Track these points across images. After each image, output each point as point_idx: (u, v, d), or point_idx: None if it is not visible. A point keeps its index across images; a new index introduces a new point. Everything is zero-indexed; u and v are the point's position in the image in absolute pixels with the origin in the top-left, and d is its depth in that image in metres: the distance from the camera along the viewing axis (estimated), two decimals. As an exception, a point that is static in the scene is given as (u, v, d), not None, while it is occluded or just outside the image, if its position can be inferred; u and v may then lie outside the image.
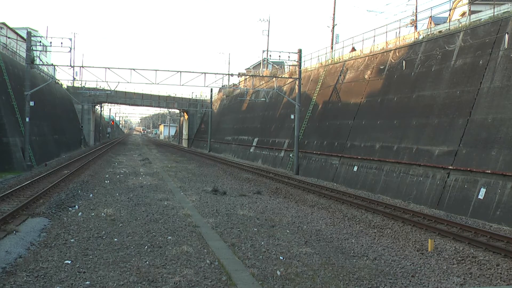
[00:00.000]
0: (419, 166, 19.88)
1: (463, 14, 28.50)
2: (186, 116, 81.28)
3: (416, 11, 33.12)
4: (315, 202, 19.11)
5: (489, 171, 16.03)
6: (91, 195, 18.47)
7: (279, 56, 32.33)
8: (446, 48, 21.20)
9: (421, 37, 25.34)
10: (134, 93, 68.58)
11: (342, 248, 11.55)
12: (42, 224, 12.78)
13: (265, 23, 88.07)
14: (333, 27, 43.10)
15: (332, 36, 42.99)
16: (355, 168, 24.86)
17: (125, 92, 67.24)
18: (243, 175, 29.38)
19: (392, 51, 26.01)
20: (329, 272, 9.41)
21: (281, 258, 10.30)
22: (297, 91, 32.55)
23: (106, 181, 23.10)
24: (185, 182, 24.22)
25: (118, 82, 39.38)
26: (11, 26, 48.94)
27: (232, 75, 49.67)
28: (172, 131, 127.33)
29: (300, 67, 33.01)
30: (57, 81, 51.13)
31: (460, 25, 22.09)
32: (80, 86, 52.88)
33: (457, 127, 18.70)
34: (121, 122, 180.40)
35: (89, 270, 8.97)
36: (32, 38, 31.30)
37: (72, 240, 11.16)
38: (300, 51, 32.44)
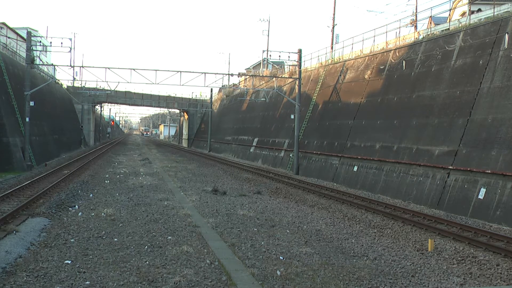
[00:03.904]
0: (419, 166, 19.88)
1: (463, 14, 28.50)
2: (186, 116, 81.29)
3: (416, 11, 33.13)
4: (315, 202, 19.11)
5: (489, 171, 16.03)
6: (91, 195, 18.47)
7: (279, 56, 32.36)
8: (446, 48, 21.20)
9: (421, 37, 25.35)
10: (134, 93, 68.58)
11: (342, 248, 11.55)
12: (42, 224, 12.77)
13: (265, 23, 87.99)
14: (333, 27, 43.12)
15: (332, 36, 43.01)
16: (355, 168, 24.86)
17: (125, 92, 67.24)
18: (243, 175, 29.38)
19: (392, 51, 26.01)
20: (329, 272, 9.41)
21: (281, 258, 10.31)
22: (297, 91, 32.55)
23: (106, 181, 23.10)
24: (185, 182, 24.22)
25: (118, 82, 39.49)
26: (11, 26, 48.96)
27: (232, 75, 49.74)
28: (172, 131, 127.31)
29: (300, 67, 33.02)
30: (57, 81, 51.12)
31: (460, 25, 22.11)
32: (80, 86, 52.89)
33: (457, 127, 18.70)
34: (121, 122, 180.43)
35: (89, 270, 8.97)
36: (32, 38, 31.31)
37: (72, 240, 11.17)
38: (300, 51, 32.45)
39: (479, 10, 25.07)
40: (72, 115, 56.08)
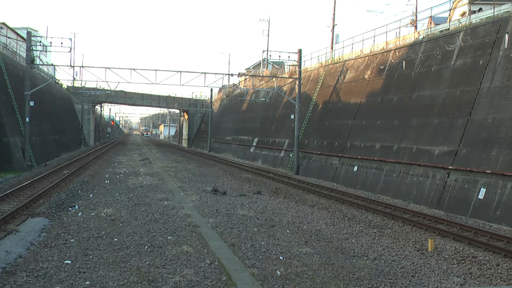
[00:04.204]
0: (419, 166, 19.88)
1: (463, 14, 28.51)
2: (186, 116, 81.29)
3: (416, 11, 33.12)
4: (315, 202, 19.11)
5: (489, 171, 16.03)
6: (91, 195, 18.47)
7: (279, 56, 32.39)
8: (446, 48, 21.21)
9: (421, 37, 25.35)
10: (134, 93, 68.58)
11: (342, 248, 11.55)
12: (42, 224, 12.77)
13: (265, 23, 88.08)
14: (333, 27, 43.13)
15: (332, 36, 43.01)
16: (355, 168, 24.86)
17: (125, 92, 67.24)
18: (243, 175, 29.38)
19: (392, 51, 26.01)
20: (329, 272, 9.41)
21: (281, 258, 10.31)
22: (297, 91, 32.55)
23: (106, 181, 23.10)
24: (185, 182, 24.22)
25: (118, 82, 39.63)
26: (11, 26, 48.97)
27: (232, 75, 49.74)
28: (172, 131, 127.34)
29: (300, 67, 33.02)
30: (57, 81, 51.13)
31: (460, 25, 22.11)
32: (80, 86, 52.97)
33: (457, 127, 18.70)
34: (121, 122, 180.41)
35: (89, 270, 8.97)
36: (32, 38, 31.31)
37: (72, 240, 11.17)
38: (300, 51, 32.46)
39: (480, 9, 25.05)
40: (72, 115, 56.08)
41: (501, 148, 16.13)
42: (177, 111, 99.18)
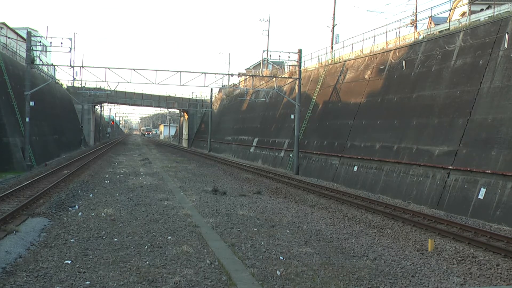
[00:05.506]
0: (419, 166, 19.87)
1: (463, 14, 28.50)
2: (186, 116, 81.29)
3: (416, 11, 33.12)
4: (315, 202, 19.11)
5: (489, 171, 16.03)
6: (91, 195, 18.47)
7: (279, 56, 32.43)
8: (446, 48, 21.20)
9: (421, 37, 25.35)
10: (134, 93, 68.58)
11: (342, 248, 11.55)
12: (42, 224, 12.78)
13: (265, 23, 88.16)
14: (333, 27, 43.13)
15: (332, 36, 43.01)
16: (355, 168, 24.85)
17: (125, 92, 67.23)
18: (243, 175, 29.38)
19: (392, 51, 26.01)
20: (329, 272, 9.41)
21: (281, 258, 10.30)
22: (297, 91, 32.55)
23: (106, 181, 23.10)
24: (185, 182, 24.21)
25: (118, 82, 39.52)
26: (11, 26, 48.93)
27: (232, 75, 49.71)
28: (172, 131, 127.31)
29: (300, 67, 33.03)
30: (57, 81, 51.11)
31: (460, 25, 22.10)
32: (80, 86, 52.88)
33: (457, 127, 18.70)
34: (121, 122, 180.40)
35: (89, 270, 8.97)
36: (32, 38, 31.31)
37: (72, 240, 11.17)
38: (300, 51, 32.46)
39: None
40: (72, 115, 56.06)
41: (501, 148, 16.13)
42: (177, 111, 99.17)
